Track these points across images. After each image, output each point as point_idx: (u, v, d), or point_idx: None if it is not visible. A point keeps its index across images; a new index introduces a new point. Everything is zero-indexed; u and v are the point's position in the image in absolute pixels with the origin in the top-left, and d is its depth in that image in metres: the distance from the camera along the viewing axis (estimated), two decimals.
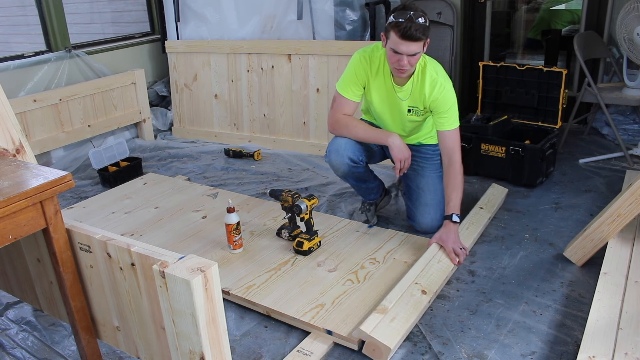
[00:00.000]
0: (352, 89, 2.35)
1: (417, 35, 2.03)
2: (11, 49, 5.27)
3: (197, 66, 3.97)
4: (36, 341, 1.90)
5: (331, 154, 2.41)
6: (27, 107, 3.29)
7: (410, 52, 2.08)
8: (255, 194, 3.01)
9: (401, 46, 2.07)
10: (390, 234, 2.44)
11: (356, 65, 2.33)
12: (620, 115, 3.60)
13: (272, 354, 1.80)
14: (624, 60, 3.28)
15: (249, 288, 2.06)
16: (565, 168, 3.17)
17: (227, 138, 3.97)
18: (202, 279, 1.19)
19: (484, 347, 1.77)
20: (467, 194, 2.90)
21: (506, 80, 3.35)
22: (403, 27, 2.02)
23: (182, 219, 2.66)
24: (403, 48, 2.07)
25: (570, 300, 1.99)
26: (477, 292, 2.06)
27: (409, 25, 2.01)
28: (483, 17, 3.93)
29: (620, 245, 2.14)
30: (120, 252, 1.34)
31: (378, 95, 2.37)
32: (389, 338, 1.71)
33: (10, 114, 1.57)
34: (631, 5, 3.03)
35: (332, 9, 3.40)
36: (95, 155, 3.34)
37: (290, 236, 2.38)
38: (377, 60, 2.30)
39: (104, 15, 4.78)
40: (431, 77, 2.24)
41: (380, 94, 2.37)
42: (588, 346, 1.62)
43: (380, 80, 2.33)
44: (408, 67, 2.12)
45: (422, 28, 2.04)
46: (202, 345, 1.23)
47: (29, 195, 1.29)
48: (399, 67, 2.14)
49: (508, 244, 2.39)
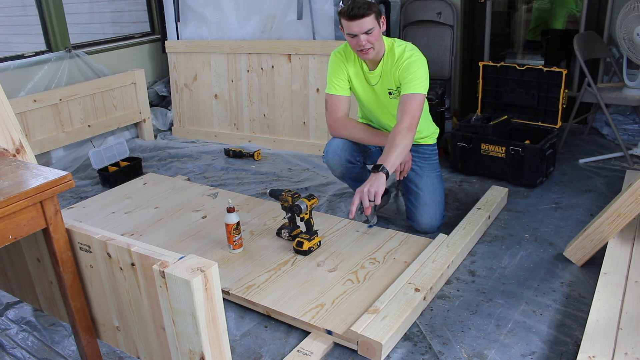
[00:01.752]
0: (339, 84, 2.39)
1: (362, 12, 2.10)
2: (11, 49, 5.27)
3: (197, 66, 3.97)
4: (36, 341, 1.90)
5: (328, 155, 2.42)
6: (27, 107, 3.30)
7: (363, 30, 2.14)
8: (255, 194, 3.01)
9: (353, 27, 2.14)
10: (390, 234, 2.44)
11: (333, 62, 2.40)
12: (620, 115, 3.60)
13: (272, 354, 1.80)
14: (624, 60, 3.28)
15: (249, 288, 2.06)
16: (565, 168, 3.17)
17: (227, 138, 3.97)
18: (202, 279, 1.19)
19: (484, 347, 1.77)
20: (467, 194, 2.91)
21: (506, 80, 3.35)
22: (347, 10, 2.12)
23: (182, 219, 2.66)
24: (355, 28, 2.14)
25: (570, 300, 1.99)
26: (477, 292, 2.06)
27: (352, 5, 2.11)
28: (483, 17, 3.93)
29: (620, 245, 2.14)
30: (120, 252, 1.34)
31: (360, 86, 2.41)
32: (379, 334, 1.72)
33: (10, 114, 1.57)
34: (631, 5, 3.03)
35: (332, 9, 3.40)
36: (95, 155, 3.34)
37: (290, 236, 2.38)
38: (350, 52, 2.38)
39: (104, 15, 4.78)
40: (399, 51, 2.28)
41: (361, 84, 2.41)
42: (588, 346, 1.62)
43: (357, 69, 2.38)
44: (369, 45, 2.18)
45: (366, 4, 2.10)
46: (202, 345, 1.23)
47: (29, 195, 1.29)
48: (361, 49, 2.20)
49: (508, 244, 2.39)
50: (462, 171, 3.16)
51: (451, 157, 3.19)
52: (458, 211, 2.70)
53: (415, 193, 2.48)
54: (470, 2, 3.90)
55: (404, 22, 3.94)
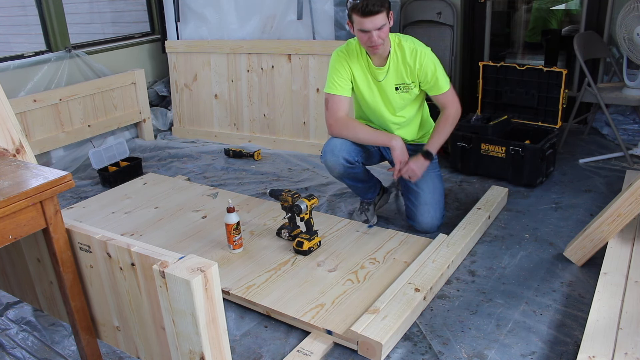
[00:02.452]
0: (340, 84, 2.38)
1: (376, 8, 2.12)
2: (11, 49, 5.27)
3: (197, 66, 3.97)
4: (36, 341, 1.90)
5: (327, 155, 2.41)
6: (27, 107, 3.30)
7: (376, 26, 2.16)
8: (255, 194, 3.01)
9: (366, 23, 2.15)
10: (390, 234, 2.44)
11: (335, 61, 2.40)
12: (620, 115, 3.60)
13: (272, 354, 1.80)
14: (624, 60, 3.28)
15: (249, 288, 2.06)
16: (565, 168, 3.17)
17: (227, 138, 3.97)
18: (202, 279, 1.19)
19: (484, 347, 1.77)
20: (467, 194, 2.91)
21: (506, 80, 3.35)
22: (361, 6, 2.13)
23: (182, 219, 2.66)
24: (368, 25, 2.15)
25: (570, 300, 1.99)
26: (477, 292, 2.06)
27: (365, 2, 2.12)
28: (483, 17, 3.93)
29: (620, 245, 2.14)
30: (120, 252, 1.34)
31: (364, 84, 2.41)
32: (379, 334, 1.72)
33: (10, 114, 1.57)
34: (631, 5, 3.03)
35: (332, 9, 3.40)
36: (95, 155, 3.34)
37: (290, 236, 2.38)
38: (353, 49, 2.38)
39: (104, 15, 4.78)
40: (410, 48, 2.32)
41: (365, 82, 2.41)
42: (588, 346, 1.62)
43: (361, 66, 2.38)
44: (380, 41, 2.20)
45: (379, 1, 2.13)
46: (202, 345, 1.23)
47: (29, 195, 1.29)
48: (372, 45, 2.21)
49: (508, 244, 2.39)
50: (462, 171, 3.16)
51: (451, 157, 3.19)
52: (458, 211, 2.70)
53: (416, 192, 2.47)
54: (470, 2, 3.90)
55: (404, 22, 3.94)
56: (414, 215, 2.49)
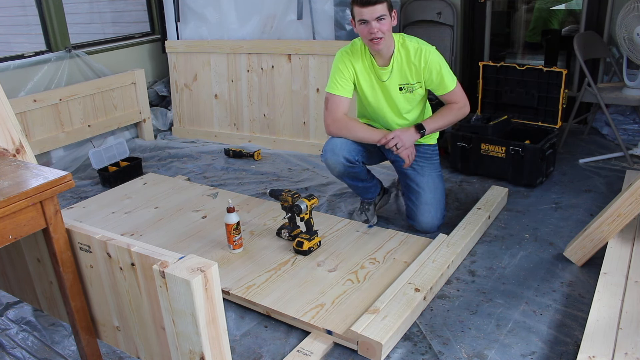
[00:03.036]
0: (342, 84, 2.38)
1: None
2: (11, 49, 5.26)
3: (197, 66, 3.97)
4: (36, 341, 1.90)
5: (327, 154, 2.41)
6: (27, 107, 3.30)
7: (375, 16, 2.17)
8: (255, 194, 3.01)
9: (365, 14, 2.17)
10: (390, 234, 2.44)
11: (339, 60, 2.40)
12: (620, 115, 3.60)
13: (272, 354, 1.80)
14: (624, 60, 3.28)
15: (249, 288, 2.06)
16: (565, 168, 3.17)
17: (227, 138, 3.97)
18: (202, 279, 1.19)
19: (484, 347, 1.77)
20: (467, 194, 2.91)
21: (506, 80, 3.35)
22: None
23: (182, 219, 2.66)
24: (367, 14, 2.17)
25: (570, 300, 1.99)
26: (477, 292, 2.06)
27: None
28: (483, 17, 3.93)
29: (620, 245, 2.14)
30: (120, 252, 1.34)
31: (367, 82, 2.41)
32: (379, 334, 1.72)
33: (10, 114, 1.57)
34: (631, 5, 3.03)
35: (332, 9, 3.40)
36: (95, 155, 3.34)
37: (290, 236, 2.38)
38: (358, 49, 2.39)
39: (104, 15, 4.78)
40: (414, 48, 2.32)
41: (369, 81, 2.41)
42: (588, 346, 1.62)
43: (365, 66, 2.38)
44: (380, 33, 2.20)
45: None
46: (202, 345, 1.23)
47: (29, 195, 1.29)
48: (372, 37, 2.21)
49: (508, 244, 2.39)
50: (462, 171, 3.16)
51: (451, 157, 3.19)
52: (458, 211, 2.70)
53: (416, 192, 2.47)
54: (470, 2, 3.90)
55: (404, 22, 3.94)
56: (414, 215, 2.48)
